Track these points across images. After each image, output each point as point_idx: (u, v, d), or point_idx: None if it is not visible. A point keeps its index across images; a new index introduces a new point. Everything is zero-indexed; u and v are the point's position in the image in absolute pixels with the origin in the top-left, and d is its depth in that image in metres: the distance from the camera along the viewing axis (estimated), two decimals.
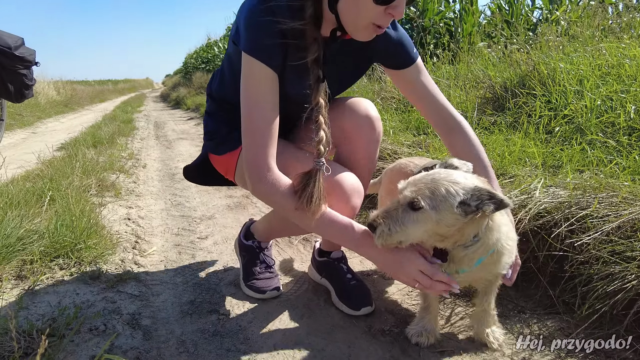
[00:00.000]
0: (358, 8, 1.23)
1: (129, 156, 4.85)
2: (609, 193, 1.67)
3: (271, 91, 1.35)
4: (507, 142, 2.64)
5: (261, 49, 1.31)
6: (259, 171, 1.35)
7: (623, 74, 2.92)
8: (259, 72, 1.33)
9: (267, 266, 1.88)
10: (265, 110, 1.35)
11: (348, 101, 1.61)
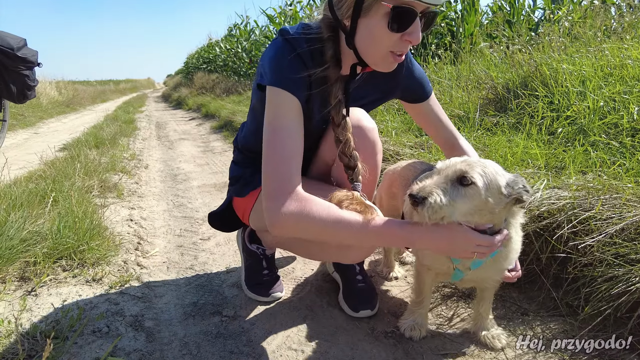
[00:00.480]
0: (374, 39, 1.24)
1: (130, 157, 4.85)
2: (612, 195, 1.67)
3: (297, 119, 1.32)
4: (509, 144, 2.64)
5: (288, 80, 1.30)
6: (284, 196, 1.24)
7: (626, 75, 2.91)
8: (285, 101, 1.30)
9: (270, 271, 1.87)
10: (291, 138, 1.29)
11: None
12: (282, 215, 1.23)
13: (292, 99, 1.30)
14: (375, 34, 1.23)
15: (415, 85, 1.58)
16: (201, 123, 8.71)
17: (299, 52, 1.30)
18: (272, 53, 1.34)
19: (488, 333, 1.49)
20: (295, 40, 1.32)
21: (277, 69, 1.31)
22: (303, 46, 1.31)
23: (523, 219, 1.34)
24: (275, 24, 11.67)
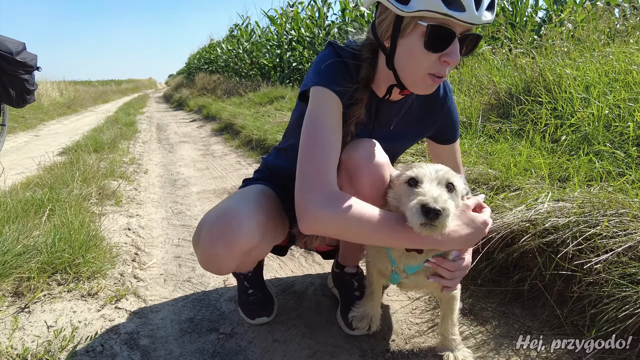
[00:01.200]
0: (412, 59, 1.22)
1: (130, 161, 4.83)
2: (619, 210, 1.63)
3: (338, 118, 1.31)
4: (512, 151, 2.60)
5: (332, 81, 1.30)
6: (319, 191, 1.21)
7: (631, 81, 2.86)
8: (328, 98, 1.30)
9: (255, 290, 1.80)
10: (331, 134, 1.27)
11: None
12: (317, 213, 1.19)
13: (335, 98, 1.29)
14: (413, 54, 1.20)
15: (450, 127, 1.57)
16: (202, 125, 8.68)
17: (345, 60, 1.33)
18: (318, 59, 1.37)
19: (452, 354, 1.44)
20: (342, 50, 1.35)
21: (323, 71, 1.32)
22: (348, 57, 1.33)
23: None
24: (276, 25, 11.63)
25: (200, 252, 1.40)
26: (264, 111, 7.35)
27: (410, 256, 1.33)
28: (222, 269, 1.43)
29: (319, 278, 2.11)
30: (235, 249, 1.34)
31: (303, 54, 10.70)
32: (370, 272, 1.58)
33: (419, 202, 1.10)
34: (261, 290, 1.82)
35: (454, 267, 1.32)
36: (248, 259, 1.48)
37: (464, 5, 1.10)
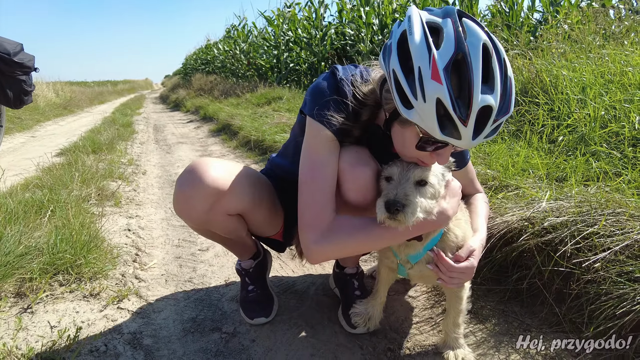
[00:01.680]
0: (406, 147, 1.26)
1: (128, 162, 4.82)
2: (616, 209, 1.65)
3: (333, 154, 1.36)
4: (510, 152, 2.62)
5: (326, 116, 1.34)
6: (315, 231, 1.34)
7: (626, 82, 2.90)
8: (322, 136, 1.35)
9: (256, 287, 1.82)
10: (325, 173, 1.35)
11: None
12: (315, 247, 1.35)
13: (329, 134, 1.34)
14: (407, 144, 1.24)
15: (459, 154, 1.54)
16: (199, 126, 8.68)
17: (342, 99, 1.35)
18: (317, 85, 1.39)
19: (453, 352, 1.47)
20: (343, 83, 1.36)
21: (320, 104, 1.36)
22: (346, 95, 1.35)
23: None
24: (273, 25, 11.64)
25: (173, 198, 1.51)
26: (262, 112, 7.36)
27: (409, 245, 1.38)
28: (191, 210, 1.47)
29: (320, 278, 2.13)
30: (201, 188, 1.42)
31: (300, 54, 10.72)
32: (380, 271, 1.61)
33: (383, 197, 1.22)
34: (262, 288, 1.83)
35: (451, 267, 1.34)
36: (219, 209, 1.48)
37: (460, 136, 1.09)
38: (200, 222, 1.52)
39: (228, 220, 1.55)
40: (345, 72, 1.39)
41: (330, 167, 1.36)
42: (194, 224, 1.57)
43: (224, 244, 1.77)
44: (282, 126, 5.61)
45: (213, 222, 1.52)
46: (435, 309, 1.81)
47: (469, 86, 1.05)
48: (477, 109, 1.06)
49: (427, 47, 1.06)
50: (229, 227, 1.58)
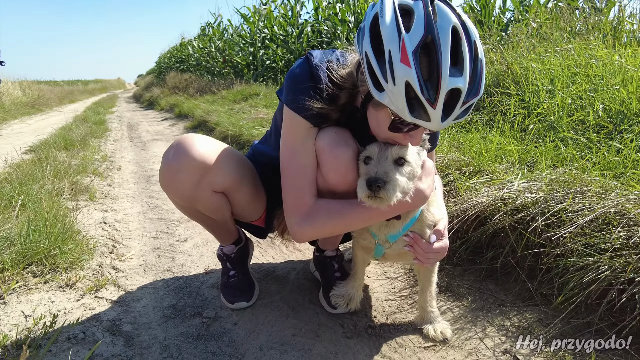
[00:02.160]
0: (380, 128, 1.29)
1: (102, 158, 4.72)
2: (582, 188, 1.73)
3: (310, 141, 1.40)
4: (483, 140, 2.70)
5: (301, 105, 1.37)
6: (298, 214, 1.41)
7: (591, 73, 3.03)
8: (298, 124, 1.39)
9: (237, 272, 1.82)
10: (304, 160, 1.40)
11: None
12: (298, 228, 1.43)
13: (304, 122, 1.38)
14: (381, 124, 1.27)
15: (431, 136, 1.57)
16: (174, 123, 8.55)
17: (317, 85, 1.36)
18: (292, 72, 1.41)
19: (431, 326, 1.52)
20: (317, 69, 1.36)
21: (294, 91, 1.38)
22: (321, 80, 1.35)
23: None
24: (249, 23, 11.58)
25: (159, 172, 1.51)
26: (239, 108, 7.31)
27: (389, 225, 1.41)
28: (178, 184, 1.48)
29: (300, 263, 2.15)
30: (187, 161, 1.44)
31: (276, 52, 10.70)
32: (356, 253, 1.64)
33: (364, 176, 1.24)
34: (243, 273, 1.83)
35: (427, 248, 1.39)
36: (205, 184, 1.50)
37: (429, 118, 1.12)
38: (186, 197, 1.51)
39: (213, 197, 1.55)
40: (321, 57, 1.40)
41: (307, 154, 1.40)
42: (180, 199, 1.56)
43: (207, 226, 1.76)
44: (260, 121, 5.60)
45: (199, 198, 1.52)
46: (413, 288, 1.85)
47: (437, 69, 1.07)
48: (446, 91, 1.08)
49: (397, 30, 1.08)
50: (214, 204, 1.58)
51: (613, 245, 1.46)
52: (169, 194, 1.55)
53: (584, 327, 1.46)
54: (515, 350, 1.42)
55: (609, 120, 2.45)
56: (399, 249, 1.46)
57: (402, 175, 1.26)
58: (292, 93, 1.39)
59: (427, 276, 1.53)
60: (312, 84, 1.36)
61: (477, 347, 1.46)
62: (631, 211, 1.52)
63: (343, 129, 1.43)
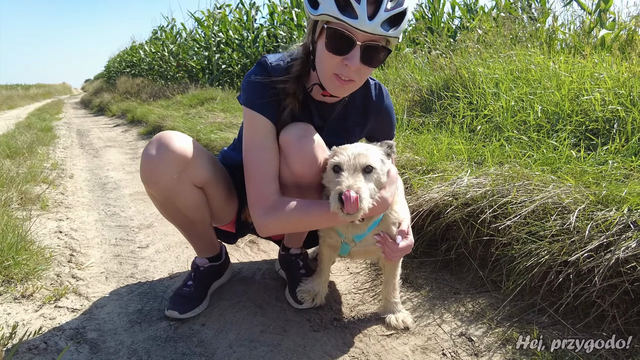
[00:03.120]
0: (322, 60, 1.40)
1: (52, 166, 4.52)
2: (524, 182, 1.90)
3: (270, 137, 1.49)
4: (435, 141, 2.86)
5: (258, 104, 1.47)
6: (262, 207, 1.46)
7: (530, 78, 3.28)
8: (257, 122, 1.48)
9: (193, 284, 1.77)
10: (264, 155, 1.47)
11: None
12: (262, 220, 1.47)
13: (263, 119, 1.47)
14: (322, 55, 1.38)
15: (387, 127, 1.75)
16: (127, 129, 8.28)
17: (272, 79, 1.46)
18: (247, 76, 1.50)
19: (393, 316, 1.62)
20: (273, 67, 1.49)
21: (249, 91, 1.49)
22: (277, 73, 1.47)
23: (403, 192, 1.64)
24: (203, 27, 11.42)
25: (140, 168, 1.52)
26: (195, 112, 7.21)
27: (355, 226, 1.47)
28: (159, 175, 1.48)
29: (266, 264, 2.19)
30: (167, 153, 1.46)
31: (232, 56, 10.62)
32: (322, 251, 1.70)
33: (336, 191, 1.27)
34: (199, 289, 1.77)
35: (395, 247, 1.49)
36: (185, 177, 1.52)
37: (357, 14, 1.26)
38: (167, 189, 1.52)
39: (193, 191, 1.57)
40: (274, 55, 1.54)
41: (268, 149, 1.48)
42: (161, 193, 1.54)
43: (187, 231, 1.74)
44: (219, 125, 5.56)
45: (179, 192, 1.54)
46: (375, 282, 1.94)
47: None
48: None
49: None
50: (194, 200, 1.59)
51: (551, 232, 1.62)
52: (150, 188, 1.55)
53: (528, 307, 1.61)
54: (470, 333, 1.54)
55: (547, 120, 2.68)
56: (365, 247, 1.54)
57: (369, 182, 1.34)
58: (248, 92, 1.49)
59: (392, 270, 1.62)
60: (266, 80, 1.47)
61: (435, 332, 1.57)
62: (565, 201, 1.69)
63: (307, 124, 1.52)
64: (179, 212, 1.63)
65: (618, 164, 1.96)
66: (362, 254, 1.65)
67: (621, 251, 1.40)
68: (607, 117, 2.45)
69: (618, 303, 1.44)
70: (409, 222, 1.58)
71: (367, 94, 1.66)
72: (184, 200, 1.58)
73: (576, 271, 1.50)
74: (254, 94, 1.48)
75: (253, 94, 1.48)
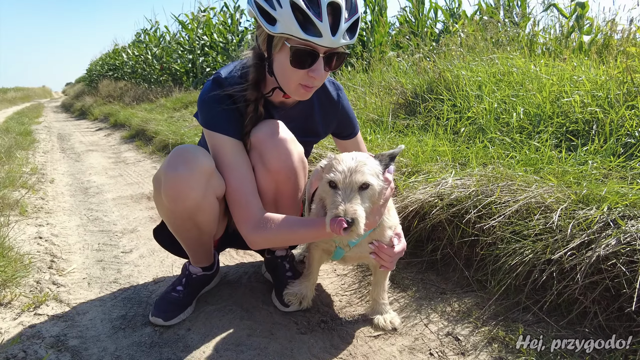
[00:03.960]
0: (284, 73, 1.42)
1: (32, 171, 4.42)
2: (508, 182, 1.92)
3: (239, 153, 1.50)
4: (419, 143, 2.88)
5: (218, 124, 1.48)
6: (247, 223, 1.48)
7: (512, 80, 3.33)
8: (221, 142, 1.49)
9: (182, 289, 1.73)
10: (239, 172, 1.49)
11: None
12: (251, 237, 1.50)
13: (227, 139, 1.48)
14: (284, 68, 1.40)
15: (348, 124, 1.81)
16: (110, 133, 8.15)
17: (226, 91, 1.46)
18: (200, 95, 1.50)
19: (381, 317, 1.62)
20: (225, 80, 1.48)
21: (207, 112, 1.49)
22: (233, 84, 1.47)
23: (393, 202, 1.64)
24: (188, 30, 11.34)
25: (164, 185, 1.45)
26: (179, 116, 7.14)
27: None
28: (189, 193, 1.43)
29: (252, 267, 2.17)
30: (196, 168, 1.43)
31: (216, 59, 10.56)
32: (312, 254, 1.68)
33: (332, 214, 1.25)
34: (187, 295, 1.73)
35: (392, 253, 1.50)
36: (211, 191, 1.48)
37: (320, 32, 1.30)
38: (195, 205, 1.47)
39: (216, 204, 1.55)
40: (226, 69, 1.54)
41: (240, 166, 1.50)
42: (187, 209, 1.48)
43: (191, 242, 1.67)
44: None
45: (205, 206, 1.50)
46: (361, 284, 1.94)
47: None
48: (326, 5, 1.29)
49: None
50: (215, 213, 1.57)
51: (534, 231, 1.64)
52: (176, 206, 1.48)
53: (513, 306, 1.63)
54: (456, 332, 1.55)
55: (529, 122, 2.73)
56: (359, 252, 1.53)
57: (366, 200, 1.31)
58: (206, 112, 1.49)
59: (383, 272, 1.61)
60: (222, 93, 1.47)
61: (422, 332, 1.57)
62: (547, 200, 1.72)
63: (274, 120, 1.56)
64: (195, 226, 1.57)
65: (597, 164, 2.00)
66: (356, 259, 1.65)
67: (601, 249, 1.43)
68: (586, 118, 2.50)
69: (599, 300, 1.46)
70: (400, 228, 1.59)
71: (326, 91, 1.71)
72: (207, 215, 1.55)
73: (559, 269, 1.52)
74: (212, 113, 1.48)
75: (211, 114, 1.49)
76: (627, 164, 1.96)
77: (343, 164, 1.32)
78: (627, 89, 2.57)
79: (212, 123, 1.49)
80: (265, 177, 1.53)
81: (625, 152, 2.12)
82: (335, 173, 1.32)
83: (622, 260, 1.40)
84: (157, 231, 1.85)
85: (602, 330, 1.44)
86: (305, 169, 1.63)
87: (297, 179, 1.58)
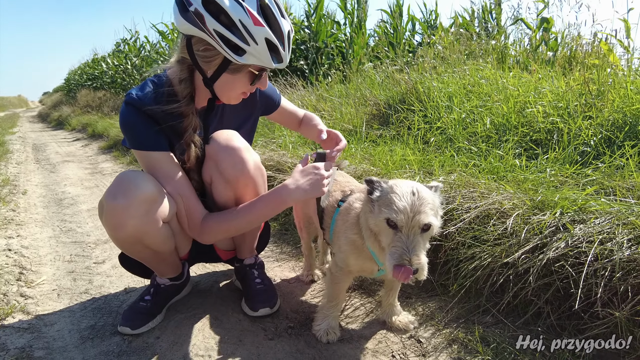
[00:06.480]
0: (234, 88, 1.51)
1: (3, 182, 4.34)
2: (470, 189, 2.00)
3: (172, 163, 1.56)
4: (390, 152, 2.96)
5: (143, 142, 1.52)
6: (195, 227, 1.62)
7: (481, 91, 3.46)
8: (152, 158, 1.54)
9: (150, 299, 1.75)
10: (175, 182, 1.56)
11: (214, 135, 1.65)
12: (201, 238, 1.64)
13: (158, 154, 1.54)
14: (236, 85, 1.50)
15: (269, 100, 1.88)
16: (87, 144, 8.06)
17: (145, 110, 1.49)
18: (122, 120, 1.53)
19: (398, 318, 1.67)
20: (140, 100, 1.50)
21: (131, 134, 1.53)
22: (150, 102, 1.50)
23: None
24: (167, 40, 11.33)
25: (105, 214, 1.49)
26: None
27: None
28: (127, 222, 1.45)
29: (224, 276, 2.19)
30: (135, 197, 1.45)
31: None
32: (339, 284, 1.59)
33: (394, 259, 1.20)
34: (155, 305, 1.75)
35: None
36: (153, 216, 1.49)
37: (282, 58, 1.45)
38: (137, 232, 1.49)
39: (162, 228, 1.56)
40: (137, 89, 1.54)
41: (175, 175, 1.56)
42: (130, 235, 1.49)
43: (150, 260, 1.70)
44: None
45: (148, 231, 1.51)
46: None
47: (276, 21, 1.40)
48: (286, 35, 1.43)
49: (238, 3, 1.34)
50: (162, 235, 1.58)
51: (493, 236, 1.72)
52: (118, 233, 1.49)
53: (474, 308, 1.69)
54: (419, 335, 1.61)
55: (495, 131, 2.83)
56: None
57: (426, 242, 1.27)
58: (131, 134, 1.53)
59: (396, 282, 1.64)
60: (142, 117, 1.50)
61: (386, 335, 1.62)
62: (505, 206, 1.80)
63: (228, 130, 1.64)
64: (146, 248, 1.59)
65: (555, 172, 2.10)
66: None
67: (552, 251, 1.51)
68: (548, 128, 2.62)
69: (552, 300, 1.54)
70: None
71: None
72: (154, 238, 1.56)
73: (515, 272, 1.60)
74: (138, 134, 1.51)
75: (137, 135, 1.51)
76: (582, 171, 2.07)
77: (404, 199, 1.23)
78: (585, 100, 2.70)
79: (139, 143, 1.52)
80: (224, 186, 1.60)
81: (582, 160, 2.23)
82: (397, 213, 1.22)
83: (570, 262, 1.49)
84: (122, 257, 1.82)
85: (554, 329, 1.51)
86: (264, 175, 1.70)
87: (256, 186, 1.65)
